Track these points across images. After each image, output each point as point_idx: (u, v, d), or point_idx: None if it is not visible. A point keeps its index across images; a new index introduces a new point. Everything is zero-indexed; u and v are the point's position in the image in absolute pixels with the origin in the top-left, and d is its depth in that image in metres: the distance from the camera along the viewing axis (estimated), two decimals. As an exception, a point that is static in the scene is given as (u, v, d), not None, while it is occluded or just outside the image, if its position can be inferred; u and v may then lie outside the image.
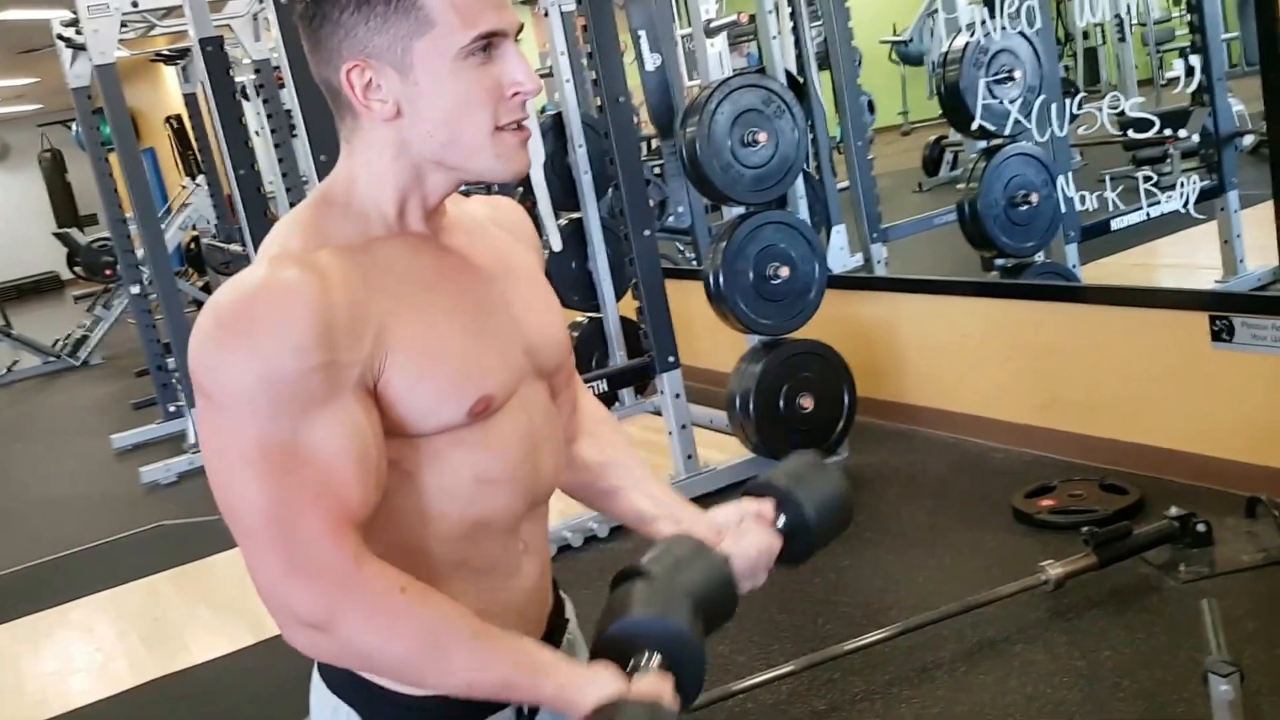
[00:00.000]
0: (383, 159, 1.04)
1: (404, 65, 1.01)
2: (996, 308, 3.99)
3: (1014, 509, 3.37)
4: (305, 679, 2.86)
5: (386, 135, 1.04)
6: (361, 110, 1.03)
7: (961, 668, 2.68)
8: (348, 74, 1.02)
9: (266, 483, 0.94)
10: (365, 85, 1.02)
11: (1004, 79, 3.85)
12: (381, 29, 1.00)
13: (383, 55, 1.01)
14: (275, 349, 0.93)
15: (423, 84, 1.01)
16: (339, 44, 1.02)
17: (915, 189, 8.56)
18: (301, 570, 0.95)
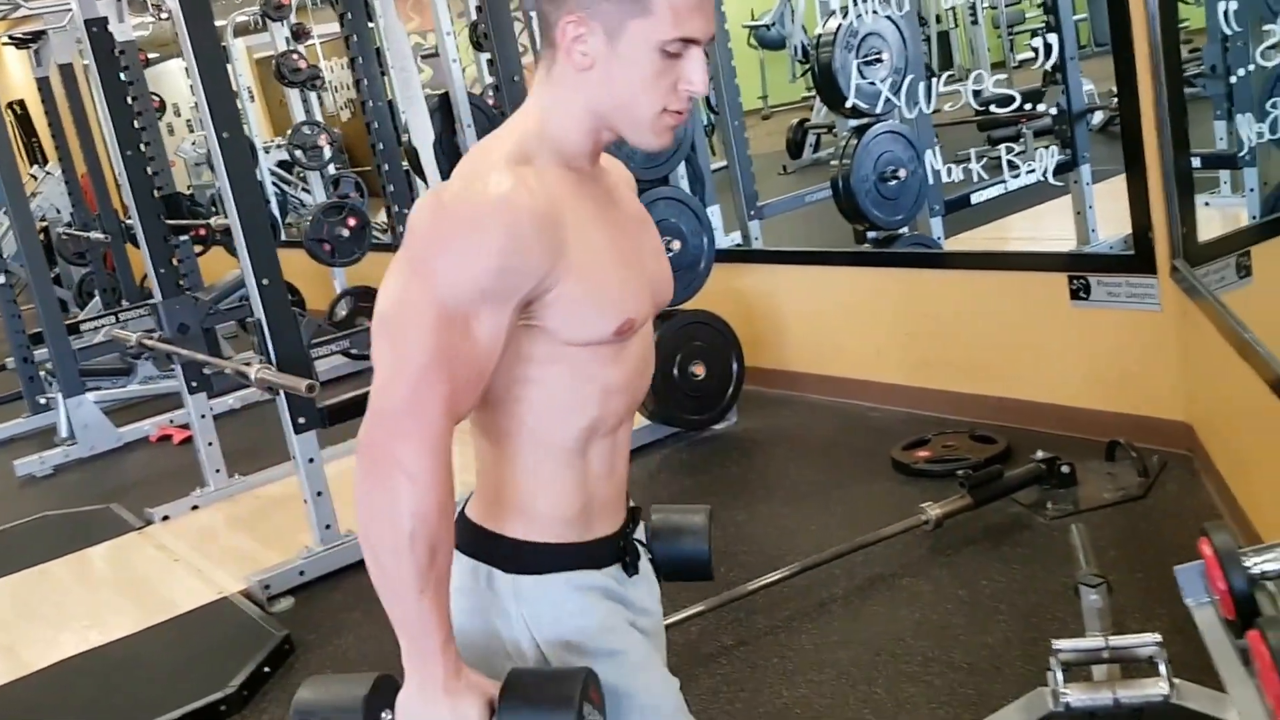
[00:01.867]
0: (572, 101, 1.22)
1: (615, 33, 1.18)
2: (871, 276, 4.31)
3: (893, 461, 3.69)
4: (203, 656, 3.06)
5: (576, 82, 1.21)
6: (562, 56, 1.21)
7: (855, 601, 2.97)
8: (565, 22, 1.18)
9: (435, 330, 1.11)
10: (575, 37, 1.19)
11: (873, 60, 4.16)
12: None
13: (601, 19, 1.17)
14: (485, 246, 1.12)
15: (624, 55, 1.18)
16: None
17: (781, 171, 8.88)
18: (417, 406, 1.11)
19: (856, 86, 4.08)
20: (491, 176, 1.16)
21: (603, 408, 1.27)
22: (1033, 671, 2.51)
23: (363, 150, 4.73)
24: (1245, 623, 1.16)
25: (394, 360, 1.12)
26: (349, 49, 4.56)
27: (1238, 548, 1.22)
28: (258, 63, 10.48)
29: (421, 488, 1.10)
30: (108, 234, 7.03)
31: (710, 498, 3.74)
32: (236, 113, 3.35)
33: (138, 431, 5.80)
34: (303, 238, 5.46)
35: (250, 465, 4.63)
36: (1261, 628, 1.07)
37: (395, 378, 1.12)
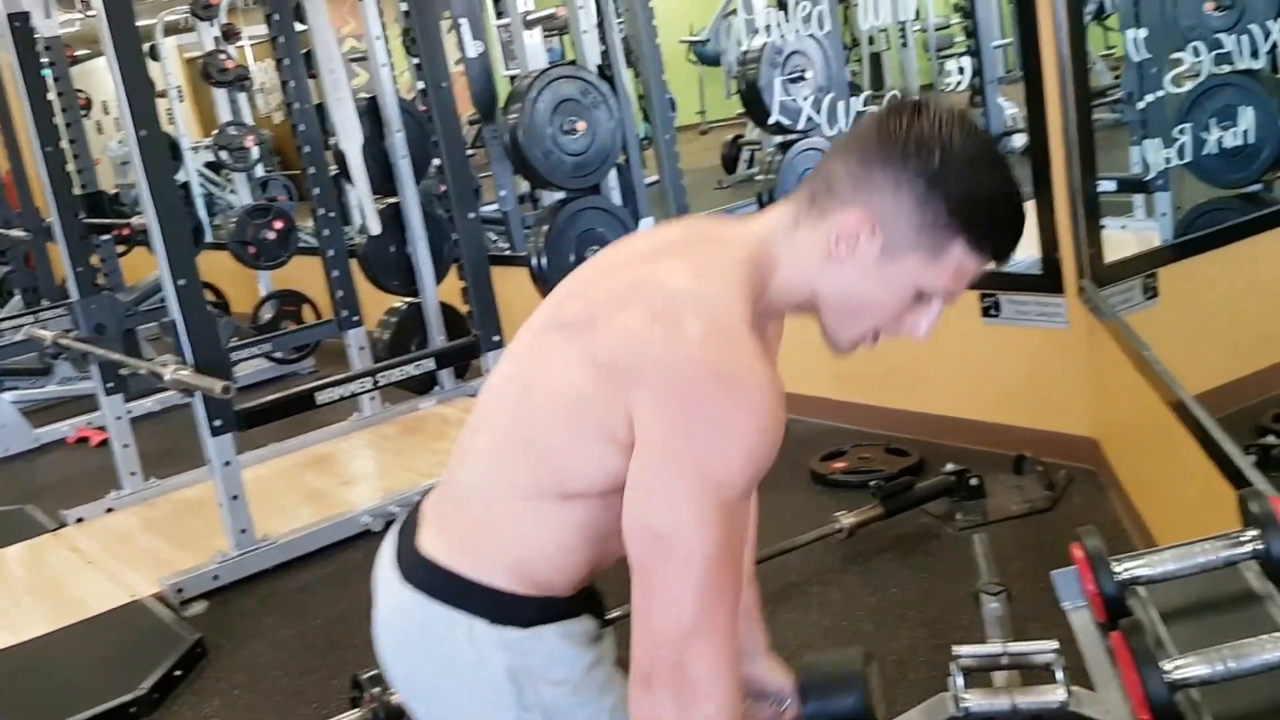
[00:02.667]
0: (806, 274, 1.18)
1: (892, 254, 1.13)
2: (795, 290, 4.37)
3: (811, 471, 3.74)
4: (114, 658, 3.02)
5: (823, 262, 1.16)
6: (827, 234, 1.14)
7: (768, 607, 2.96)
8: (856, 215, 1.12)
9: (716, 533, 1.03)
10: (854, 233, 1.12)
11: (797, 78, 4.23)
12: (916, 225, 1.11)
13: (890, 234, 1.12)
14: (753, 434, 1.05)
15: (885, 276, 1.14)
16: (881, 196, 1.11)
17: (716, 185, 8.98)
18: (711, 621, 1.03)
19: (780, 103, 4.14)
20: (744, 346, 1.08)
21: None
22: (936, 677, 2.55)
23: (295, 154, 4.71)
24: (1115, 625, 1.20)
25: (680, 575, 1.03)
26: (276, 50, 4.54)
27: (1107, 553, 1.27)
28: (189, 62, 10.36)
29: (723, 706, 1.04)
30: (29, 232, 6.89)
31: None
32: (155, 110, 3.32)
33: (55, 433, 5.70)
34: (227, 239, 5.41)
35: (168, 468, 4.57)
36: (1124, 629, 1.11)
37: (681, 593, 1.03)
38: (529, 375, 1.20)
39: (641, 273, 1.16)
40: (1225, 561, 1.21)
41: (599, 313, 1.13)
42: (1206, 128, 3.59)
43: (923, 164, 1.09)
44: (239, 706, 2.92)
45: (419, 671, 1.26)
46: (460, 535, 1.23)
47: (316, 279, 5.11)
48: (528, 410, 1.18)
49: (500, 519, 1.21)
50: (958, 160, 1.09)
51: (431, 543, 1.25)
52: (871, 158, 1.11)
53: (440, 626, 1.20)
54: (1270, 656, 1.06)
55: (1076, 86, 3.11)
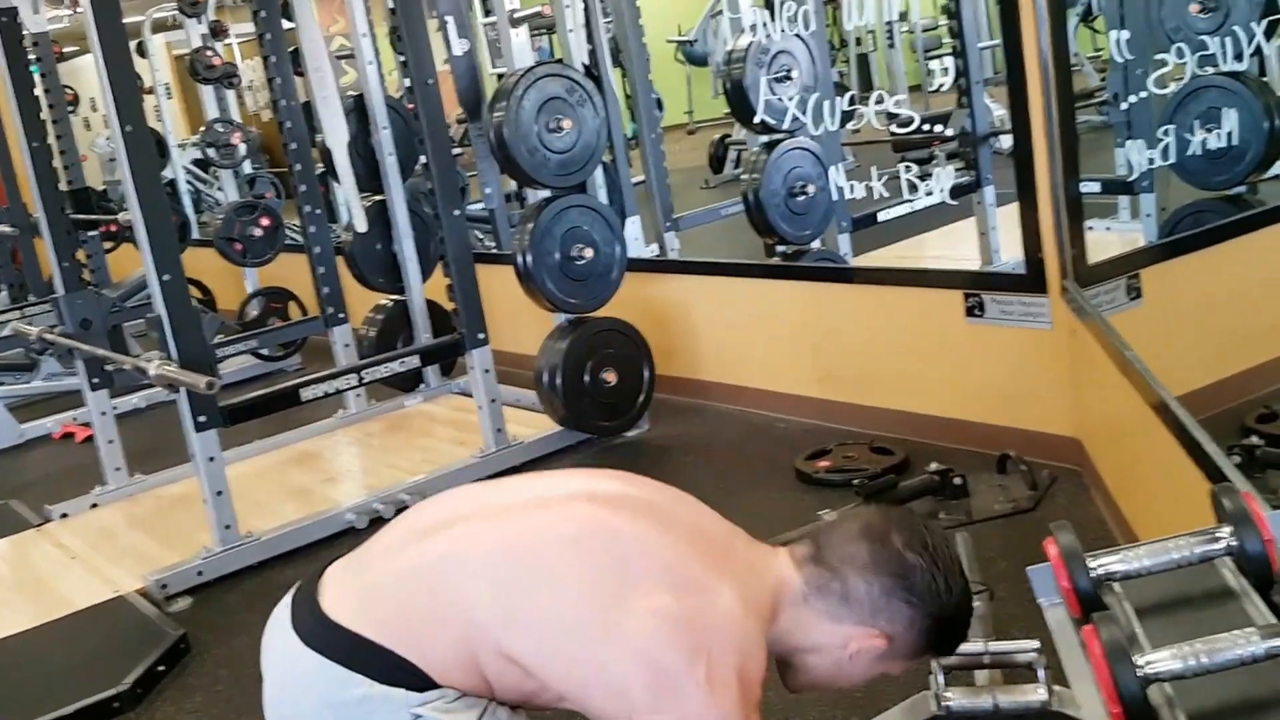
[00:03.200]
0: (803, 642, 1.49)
1: (884, 658, 1.48)
2: (779, 289, 4.37)
3: (796, 470, 3.74)
4: (97, 653, 3.02)
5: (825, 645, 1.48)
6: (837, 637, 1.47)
7: (752, 606, 3.01)
8: (870, 630, 1.45)
9: None
10: (871, 649, 1.46)
11: (783, 78, 4.23)
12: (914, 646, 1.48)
13: (892, 649, 1.47)
14: None
15: (869, 668, 1.50)
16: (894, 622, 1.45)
17: (703, 185, 8.97)
18: None
19: (765, 102, 4.15)
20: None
21: None
22: (918, 676, 2.54)
23: (283, 151, 4.70)
24: (1090, 620, 1.21)
25: None
26: (262, 47, 4.53)
27: (1081, 549, 1.27)
28: (177, 59, 10.31)
29: None
30: (16, 228, 6.86)
31: (615, 504, 3.76)
32: (140, 106, 3.31)
33: (40, 429, 5.68)
34: (214, 236, 5.40)
35: (153, 465, 4.56)
36: (1095, 622, 1.11)
37: None
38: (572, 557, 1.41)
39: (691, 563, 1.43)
40: (1200, 558, 1.22)
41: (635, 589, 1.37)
42: (1190, 129, 3.60)
43: (935, 611, 1.46)
44: (221, 702, 2.91)
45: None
46: (387, 615, 1.41)
47: (303, 276, 5.10)
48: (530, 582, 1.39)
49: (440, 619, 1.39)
50: (954, 607, 1.48)
51: (341, 612, 1.43)
52: (894, 591, 1.44)
53: (340, 688, 1.38)
54: (1243, 651, 1.06)
55: (1059, 88, 3.12)
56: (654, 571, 1.37)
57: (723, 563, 1.44)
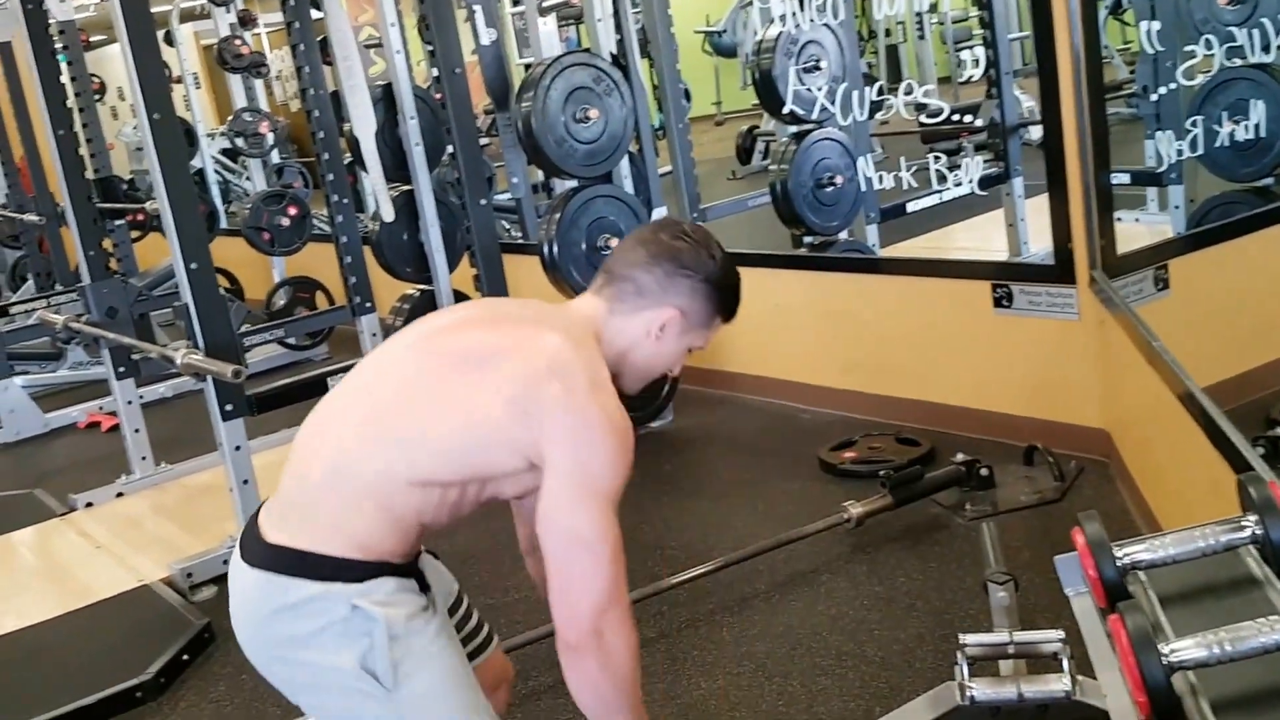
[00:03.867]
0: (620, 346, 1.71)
1: (684, 331, 1.73)
2: (805, 280, 4.37)
3: (820, 460, 3.75)
4: (122, 642, 3.06)
5: (637, 338, 1.71)
6: (647, 321, 1.70)
7: (775, 596, 3.02)
8: (672, 310, 1.70)
9: (612, 534, 1.52)
10: (669, 323, 1.70)
11: (812, 68, 4.22)
12: (701, 312, 1.73)
13: (690, 322, 1.72)
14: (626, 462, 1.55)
15: (676, 346, 1.73)
16: (680, 294, 1.70)
17: (730, 176, 8.96)
18: (618, 594, 1.52)
19: (794, 93, 4.14)
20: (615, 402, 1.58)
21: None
22: (944, 666, 2.56)
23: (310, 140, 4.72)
24: (1115, 610, 1.21)
25: (594, 565, 1.49)
26: (291, 36, 4.55)
27: (1108, 538, 1.28)
28: (205, 49, 10.37)
29: (631, 644, 1.55)
30: (43, 217, 6.93)
31: (641, 494, 3.78)
32: (168, 94, 3.33)
33: (66, 417, 5.74)
34: (242, 226, 5.43)
35: (179, 454, 4.60)
36: (1122, 611, 1.12)
37: (599, 579, 1.49)
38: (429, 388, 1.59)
39: (526, 331, 1.62)
40: (1225, 546, 1.22)
41: (496, 354, 1.58)
42: (1219, 121, 3.58)
43: (708, 275, 1.72)
44: (245, 691, 2.94)
45: (268, 637, 1.59)
46: (300, 519, 1.58)
47: (330, 265, 5.12)
48: (418, 414, 1.58)
49: (356, 502, 1.55)
50: (721, 269, 1.73)
51: (274, 535, 1.58)
52: (673, 272, 1.70)
53: (288, 594, 1.53)
54: (1267, 640, 1.06)
55: (1090, 79, 3.10)
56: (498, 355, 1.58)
57: (545, 323, 1.65)
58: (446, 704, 1.59)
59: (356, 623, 1.52)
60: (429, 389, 1.59)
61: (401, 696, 1.54)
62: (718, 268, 1.73)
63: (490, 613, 3.13)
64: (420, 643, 1.56)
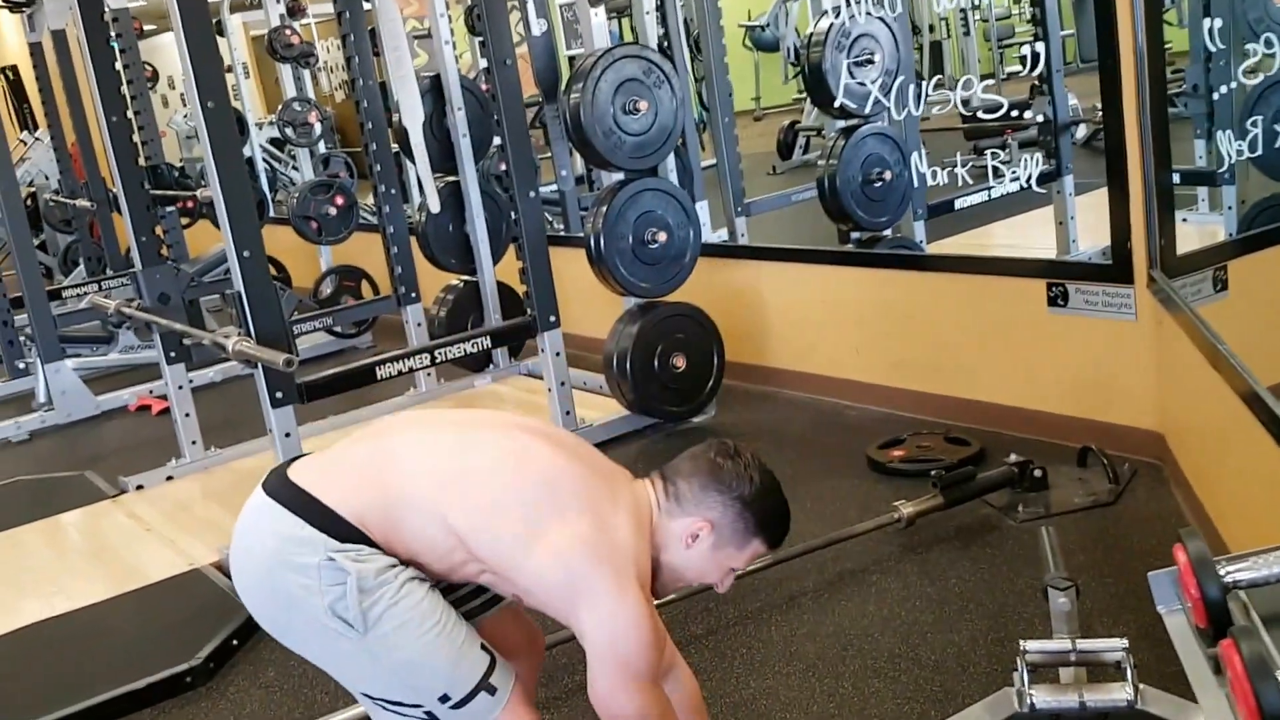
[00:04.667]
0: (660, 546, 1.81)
1: (716, 546, 1.80)
2: (853, 276, 4.28)
3: (868, 459, 3.66)
4: (171, 627, 3.01)
5: (673, 543, 1.81)
6: (682, 529, 1.79)
7: (825, 595, 2.94)
8: (703, 521, 1.79)
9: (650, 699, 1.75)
10: (699, 533, 1.79)
11: (864, 61, 4.13)
12: (733, 530, 1.80)
13: (720, 535, 1.80)
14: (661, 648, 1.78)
15: (711, 559, 1.82)
16: (712, 508, 1.79)
17: (769, 171, 8.87)
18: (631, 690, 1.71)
19: (846, 87, 4.05)
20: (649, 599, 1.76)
21: None
22: (998, 671, 2.49)
23: (355, 131, 4.69)
24: (1218, 631, 1.13)
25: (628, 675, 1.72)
26: (341, 26, 4.51)
27: (1211, 556, 1.20)
28: (254, 40, 10.38)
29: None
30: (94, 202, 6.94)
31: (684, 488, 3.70)
32: (223, 82, 3.28)
33: (116, 400, 5.74)
34: (290, 214, 5.41)
35: (228, 438, 4.58)
36: (1235, 637, 1.04)
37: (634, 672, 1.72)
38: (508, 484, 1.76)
39: (602, 490, 1.79)
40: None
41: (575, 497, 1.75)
42: (1277, 121, 3.46)
43: (744, 495, 1.79)
44: (295, 677, 2.90)
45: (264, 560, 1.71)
46: (335, 476, 1.73)
47: (375, 255, 5.09)
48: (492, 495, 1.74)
49: (398, 511, 1.71)
50: (760, 491, 1.81)
51: (297, 476, 1.74)
52: (709, 485, 1.79)
53: (286, 525, 1.68)
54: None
55: (1153, 76, 3.00)
56: (574, 501, 1.73)
57: (617, 493, 1.79)
58: (419, 644, 1.68)
59: (329, 573, 1.65)
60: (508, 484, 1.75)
61: (371, 638, 1.67)
62: (755, 489, 1.80)
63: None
64: (389, 591, 1.67)
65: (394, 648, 1.68)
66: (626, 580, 1.70)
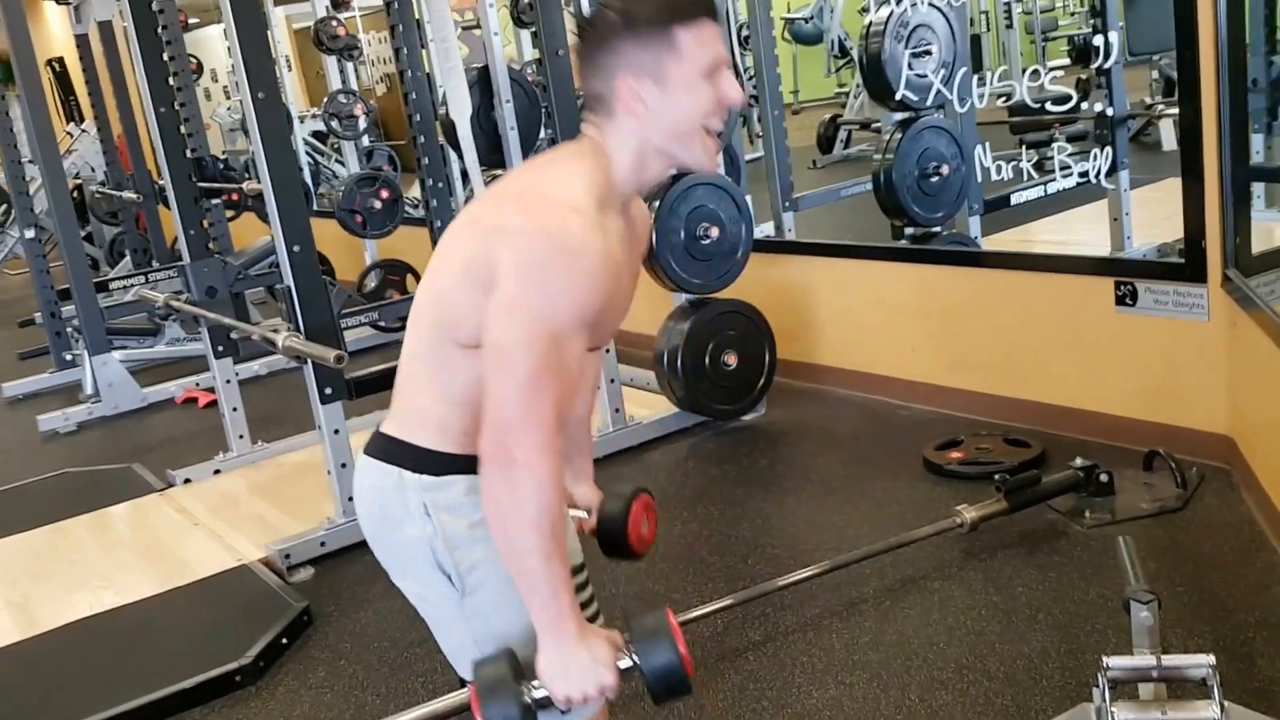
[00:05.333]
0: (627, 148, 1.45)
1: (660, 78, 1.42)
2: (907, 273, 4.17)
3: (924, 460, 3.55)
4: (220, 624, 2.91)
5: (634, 125, 1.44)
6: (624, 111, 1.43)
7: (886, 602, 2.83)
8: (620, 82, 1.42)
9: (546, 353, 1.32)
10: (631, 93, 1.42)
11: (922, 53, 4.00)
12: (647, 53, 1.41)
13: (648, 72, 1.42)
14: (586, 288, 1.35)
15: (670, 93, 1.42)
16: (613, 63, 1.42)
17: (810, 166, 8.73)
18: (536, 420, 1.32)
19: (906, 78, 3.93)
20: (580, 226, 1.35)
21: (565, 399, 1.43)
22: (1072, 685, 2.38)
23: (397, 125, 4.63)
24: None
25: (509, 378, 1.33)
26: (389, 16, 4.42)
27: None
28: (296, 33, 10.34)
29: (540, 478, 1.32)
30: (140, 194, 6.91)
31: (738, 488, 3.62)
32: (274, 73, 3.21)
33: (163, 393, 5.70)
34: (334, 208, 5.34)
35: (274, 432, 4.52)
36: None
37: (509, 393, 1.33)
38: (439, 260, 1.49)
39: (515, 185, 1.53)
40: None
41: (486, 207, 1.47)
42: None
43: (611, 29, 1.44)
44: (345, 676, 2.83)
45: (371, 515, 1.55)
46: (396, 408, 1.54)
47: (421, 249, 5.01)
48: (438, 281, 1.47)
49: (418, 376, 1.51)
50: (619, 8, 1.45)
51: (384, 424, 1.56)
52: (593, 57, 1.46)
53: (378, 475, 1.52)
54: None
55: (1233, 66, 2.88)
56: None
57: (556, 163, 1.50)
58: (514, 621, 1.46)
59: (426, 522, 1.49)
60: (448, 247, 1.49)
61: (469, 604, 1.50)
62: (616, 12, 1.47)
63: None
64: (484, 551, 1.46)
65: (489, 622, 1.50)
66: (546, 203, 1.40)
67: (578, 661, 1.35)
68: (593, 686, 1.36)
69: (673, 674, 1.37)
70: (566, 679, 1.35)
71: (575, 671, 1.35)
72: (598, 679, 1.36)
